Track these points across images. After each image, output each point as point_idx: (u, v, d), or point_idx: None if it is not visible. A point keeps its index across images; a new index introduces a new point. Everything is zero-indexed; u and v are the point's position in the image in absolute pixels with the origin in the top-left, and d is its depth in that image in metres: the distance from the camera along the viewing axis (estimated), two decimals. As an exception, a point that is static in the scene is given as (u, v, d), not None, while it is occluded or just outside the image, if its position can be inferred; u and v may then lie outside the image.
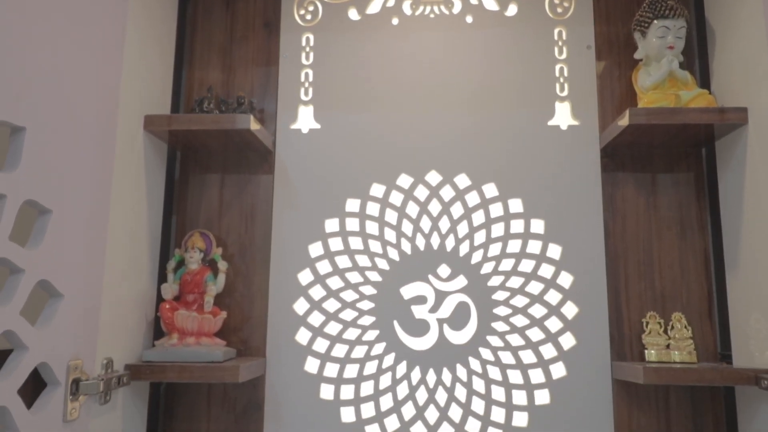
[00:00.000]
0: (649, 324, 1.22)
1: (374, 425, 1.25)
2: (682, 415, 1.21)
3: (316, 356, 1.28)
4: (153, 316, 1.25)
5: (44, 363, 0.87)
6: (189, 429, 1.27)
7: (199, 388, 1.28)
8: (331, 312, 1.29)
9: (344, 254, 1.31)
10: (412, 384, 1.25)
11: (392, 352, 1.27)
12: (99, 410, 1.03)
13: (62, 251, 0.90)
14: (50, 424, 0.89)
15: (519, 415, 1.23)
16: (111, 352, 1.06)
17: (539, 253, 1.28)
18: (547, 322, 1.26)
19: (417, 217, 1.31)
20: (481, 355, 1.26)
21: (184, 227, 1.34)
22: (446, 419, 1.24)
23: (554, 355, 1.25)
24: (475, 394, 1.24)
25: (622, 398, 1.22)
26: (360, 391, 1.26)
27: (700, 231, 1.28)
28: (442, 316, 1.27)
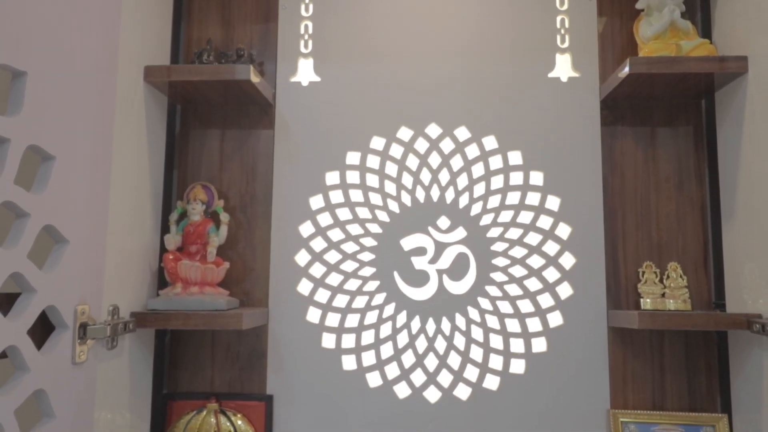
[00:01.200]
0: (645, 273, 1.24)
1: (375, 373, 1.28)
2: (675, 361, 1.24)
3: (318, 306, 1.30)
4: (157, 267, 1.27)
5: (52, 306, 0.89)
6: (193, 377, 1.30)
7: (203, 338, 1.31)
8: (332, 263, 1.31)
9: (345, 207, 1.32)
10: (412, 333, 1.28)
11: (392, 302, 1.29)
12: (106, 355, 1.05)
13: (66, 197, 0.91)
14: (59, 365, 0.91)
15: (516, 363, 1.26)
16: (116, 300, 1.08)
17: (538, 205, 1.29)
18: (545, 273, 1.28)
19: (417, 169, 1.32)
20: (479, 304, 1.28)
21: (186, 181, 1.35)
22: (445, 366, 1.27)
23: (551, 304, 1.27)
24: (474, 342, 1.27)
25: (617, 346, 1.25)
26: (361, 339, 1.29)
27: (698, 183, 1.29)
28: (442, 267, 1.29)
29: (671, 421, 1.19)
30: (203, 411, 1.26)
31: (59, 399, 0.90)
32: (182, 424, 1.25)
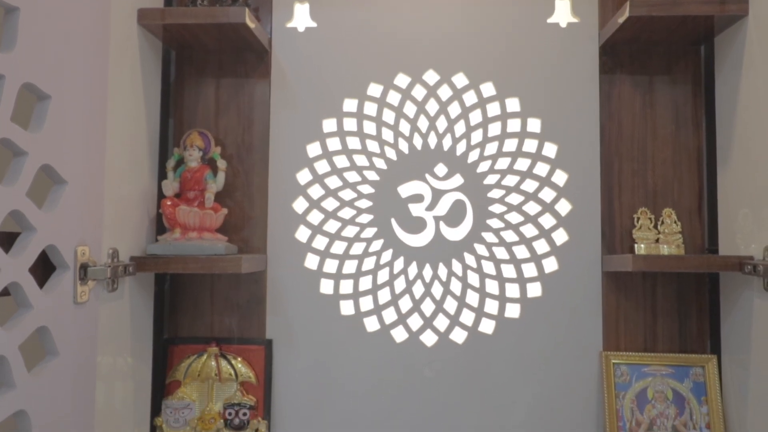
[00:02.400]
0: (640, 219, 1.26)
1: (372, 317, 1.30)
2: (667, 305, 1.26)
3: (316, 253, 1.31)
4: (155, 213, 1.27)
5: (52, 246, 0.90)
6: (194, 322, 1.32)
7: (202, 283, 1.32)
8: (330, 210, 1.31)
9: (342, 154, 1.32)
10: (409, 279, 1.30)
11: (390, 249, 1.30)
12: (107, 297, 1.07)
13: (63, 138, 0.91)
14: (61, 304, 0.93)
15: (511, 307, 1.28)
16: (116, 244, 1.09)
17: (535, 152, 1.29)
18: (540, 219, 1.29)
19: (414, 116, 1.32)
20: (476, 250, 1.29)
21: (182, 129, 1.34)
22: (441, 311, 1.29)
23: (547, 250, 1.28)
24: (470, 288, 1.29)
25: (610, 290, 1.27)
26: (359, 285, 1.30)
27: (695, 129, 1.29)
28: (439, 214, 1.30)
29: (661, 362, 1.21)
30: (204, 355, 1.28)
31: (62, 337, 0.92)
32: (183, 368, 1.28)
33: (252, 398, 1.26)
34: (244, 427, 1.25)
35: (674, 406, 1.19)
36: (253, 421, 1.25)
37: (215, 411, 1.26)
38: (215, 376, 1.27)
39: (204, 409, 1.26)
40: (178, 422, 1.25)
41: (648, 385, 1.20)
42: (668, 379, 1.20)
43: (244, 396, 1.26)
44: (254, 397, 1.27)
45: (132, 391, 1.19)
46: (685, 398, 1.19)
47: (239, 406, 1.25)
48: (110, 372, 1.09)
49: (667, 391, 1.20)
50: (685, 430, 1.18)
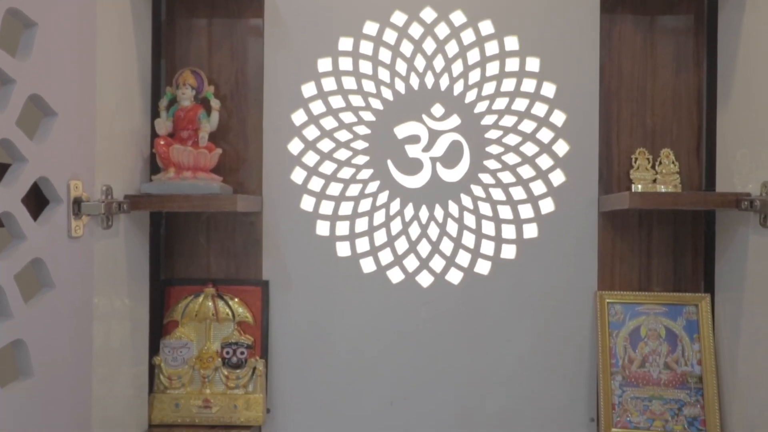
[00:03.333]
0: (638, 160, 1.25)
1: (368, 258, 1.30)
2: (662, 245, 1.26)
3: (312, 195, 1.30)
4: (148, 153, 1.26)
5: (44, 178, 0.89)
6: (190, 264, 1.32)
7: (198, 225, 1.32)
8: (326, 152, 1.30)
9: (338, 94, 1.30)
10: (406, 220, 1.29)
11: (386, 190, 1.30)
12: (102, 234, 1.06)
13: (51, 68, 0.89)
14: (56, 237, 0.92)
15: (507, 248, 1.28)
16: (109, 182, 1.08)
17: (533, 92, 1.28)
18: (538, 160, 1.28)
19: (411, 56, 1.29)
20: (472, 191, 1.29)
21: (174, 70, 1.31)
22: (438, 252, 1.29)
23: (544, 191, 1.28)
24: (466, 229, 1.29)
25: (607, 231, 1.27)
26: (355, 227, 1.30)
27: (695, 69, 1.27)
28: (435, 155, 1.29)
29: (655, 301, 1.22)
30: (200, 296, 1.29)
31: (58, 270, 0.92)
32: (180, 309, 1.29)
33: (249, 338, 1.27)
34: (242, 365, 1.26)
35: (667, 343, 1.21)
36: (250, 360, 1.26)
37: (213, 350, 1.27)
38: (212, 316, 1.27)
39: (202, 349, 1.27)
40: (177, 361, 1.27)
41: (641, 324, 1.22)
42: (661, 318, 1.21)
43: (242, 335, 1.27)
44: (251, 337, 1.28)
45: (130, 331, 1.20)
46: (678, 336, 1.21)
47: (237, 345, 1.27)
48: (108, 312, 1.10)
49: (660, 329, 1.21)
50: (677, 366, 1.20)
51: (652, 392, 1.19)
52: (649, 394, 1.19)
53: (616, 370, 1.21)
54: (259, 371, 1.26)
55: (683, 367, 1.19)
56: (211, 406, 1.25)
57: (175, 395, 1.26)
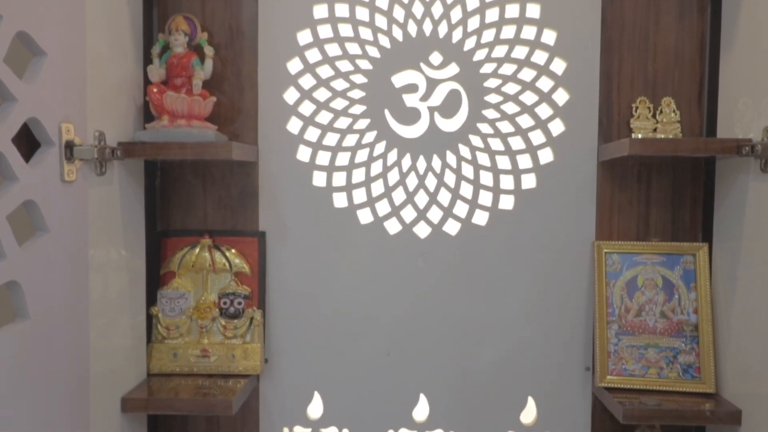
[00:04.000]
0: (639, 109, 1.23)
1: (366, 209, 1.29)
2: (661, 195, 1.26)
3: (308, 145, 1.29)
4: (141, 101, 1.23)
5: (35, 119, 0.87)
6: (186, 215, 1.31)
7: (194, 176, 1.31)
8: (322, 101, 1.28)
9: (334, 42, 1.27)
10: (403, 171, 1.28)
11: (383, 140, 1.28)
12: (96, 181, 1.05)
13: (39, 5, 0.87)
14: (49, 180, 0.91)
15: (505, 199, 1.27)
16: (102, 128, 1.06)
17: (533, 39, 1.25)
18: (537, 109, 1.26)
19: (409, 2, 1.26)
20: (470, 141, 1.27)
21: (166, 17, 1.28)
22: (435, 203, 1.28)
23: (543, 141, 1.26)
24: (464, 179, 1.28)
25: (605, 180, 1.26)
26: (352, 177, 1.29)
27: (699, 15, 1.25)
28: (433, 104, 1.27)
29: (653, 250, 1.22)
30: (197, 247, 1.28)
31: (52, 214, 0.91)
32: (177, 260, 1.28)
33: (246, 288, 1.27)
34: (239, 315, 1.27)
35: (663, 292, 1.21)
36: (248, 310, 1.26)
37: (210, 300, 1.27)
38: (209, 266, 1.27)
39: (199, 299, 1.27)
40: (174, 311, 1.27)
41: (638, 273, 1.22)
42: (659, 267, 1.21)
43: (239, 286, 1.27)
44: (249, 288, 1.28)
45: (127, 282, 1.19)
46: (675, 285, 1.21)
47: (234, 295, 1.27)
48: (104, 262, 1.09)
49: (657, 278, 1.21)
50: (673, 315, 1.20)
51: (648, 340, 1.20)
52: (645, 342, 1.20)
53: (612, 320, 1.21)
54: (256, 321, 1.26)
55: (679, 316, 1.20)
56: (209, 355, 1.25)
57: (173, 345, 1.26)
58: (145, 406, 1.15)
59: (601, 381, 1.20)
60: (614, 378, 1.19)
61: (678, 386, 1.17)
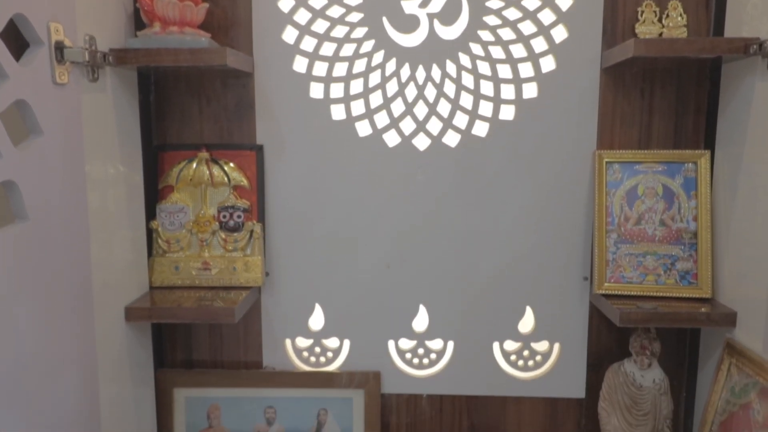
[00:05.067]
0: (644, 13, 1.19)
1: (364, 121, 1.27)
2: (665, 103, 1.23)
3: (304, 55, 1.26)
4: (132, 9, 1.19)
5: (21, 14, 0.85)
6: (182, 129, 1.29)
7: (188, 89, 1.28)
8: (318, 9, 1.24)
9: (329, -55, 1.23)
10: (402, 81, 1.26)
11: (381, 50, 1.25)
12: (89, 87, 1.03)
13: None
14: (40, 81, 0.89)
15: (506, 109, 1.25)
16: (92, 33, 1.03)
17: (537, -60, 1.20)
18: (540, 15, 1.22)
19: None
20: (471, 50, 1.24)
21: None
22: (435, 114, 1.26)
23: (545, 48, 1.23)
24: (464, 89, 1.25)
25: (608, 89, 1.23)
26: (349, 89, 1.26)
27: None
28: (433, 11, 1.23)
29: (654, 159, 1.21)
30: (194, 161, 1.27)
31: (45, 117, 0.89)
32: (175, 173, 1.27)
33: (246, 202, 1.27)
34: (239, 228, 1.27)
35: (663, 201, 1.20)
36: (247, 223, 1.27)
37: (210, 214, 1.27)
38: (208, 180, 1.26)
39: (198, 213, 1.27)
40: (174, 225, 1.27)
41: (639, 182, 1.21)
42: (659, 176, 1.21)
43: (238, 200, 1.27)
44: (248, 201, 1.27)
45: (125, 196, 1.19)
46: (675, 193, 1.20)
47: (233, 208, 1.26)
48: (101, 177, 1.08)
49: (658, 187, 1.21)
50: (672, 222, 1.20)
51: (647, 248, 1.20)
52: (643, 250, 1.20)
53: (611, 228, 1.21)
54: (256, 234, 1.26)
55: (678, 224, 1.20)
56: (210, 268, 1.26)
57: (174, 258, 1.27)
58: (149, 315, 1.16)
59: (599, 288, 1.21)
60: (612, 285, 1.21)
61: (675, 292, 1.19)
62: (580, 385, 1.32)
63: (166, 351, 1.36)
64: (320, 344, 1.34)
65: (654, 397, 1.20)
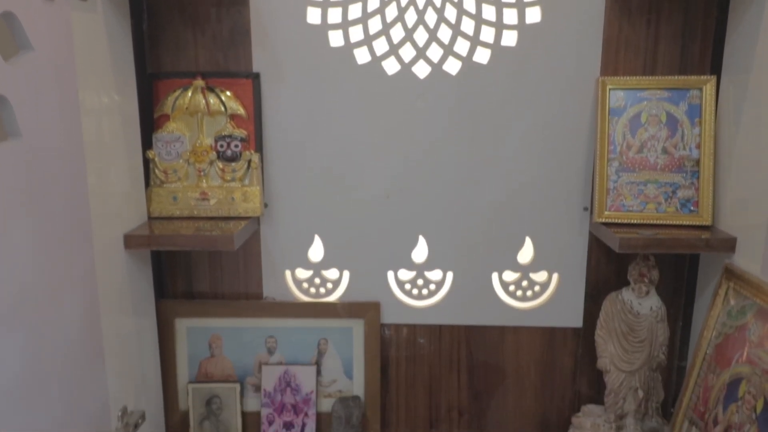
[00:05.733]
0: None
1: (363, 48, 1.24)
2: (671, 29, 1.20)
3: (301, -22, 1.22)
4: (121, -73, 1.15)
5: None
6: (177, 57, 1.26)
7: (182, 17, 1.24)
8: (314, -71, 1.20)
9: None
10: (401, 5, 1.22)
11: (380, -28, 1.21)
12: (79, 5, 1.00)
13: None
14: (27, -6, 0.86)
15: (508, 34, 1.22)
16: (80, -51, 1.00)
17: None
18: (545, -66, 1.18)
19: None
20: (473, -28, 1.20)
21: None
22: (435, 40, 1.23)
23: (549, -30, 1.20)
24: (465, 14, 1.22)
25: (614, 13, 1.19)
26: (347, 14, 1.23)
27: None
28: (434, -69, 1.19)
29: (658, 85, 1.19)
30: (189, 89, 1.24)
31: (35, 32, 0.86)
32: (170, 102, 1.25)
33: (243, 131, 1.25)
34: (237, 158, 1.25)
35: (666, 128, 1.19)
36: (245, 153, 1.25)
37: (207, 144, 1.25)
38: (204, 109, 1.24)
39: (195, 142, 1.25)
40: (170, 155, 1.25)
41: (642, 110, 1.19)
42: (664, 103, 1.19)
43: (235, 129, 1.25)
44: (245, 131, 1.25)
45: (120, 125, 1.17)
46: (679, 120, 1.19)
47: (230, 138, 1.25)
48: (95, 106, 1.06)
49: (661, 114, 1.19)
50: (675, 150, 1.19)
51: (648, 177, 1.19)
52: (645, 178, 1.19)
53: (613, 157, 1.20)
54: (254, 164, 1.25)
55: (681, 152, 1.19)
56: (208, 198, 1.26)
57: (172, 189, 1.26)
58: (148, 242, 1.16)
59: (599, 217, 1.21)
60: (612, 213, 1.20)
61: (675, 220, 1.18)
62: (578, 314, 1.33)
63: (166, 283, 1.36)
64: (320, 275, 1.35)
65: (651, 325, 1.21)
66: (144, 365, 1.26)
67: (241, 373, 1.36)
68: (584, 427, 1.30)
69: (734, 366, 1.01)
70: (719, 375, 1.04)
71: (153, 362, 1.31)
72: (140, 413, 1.20)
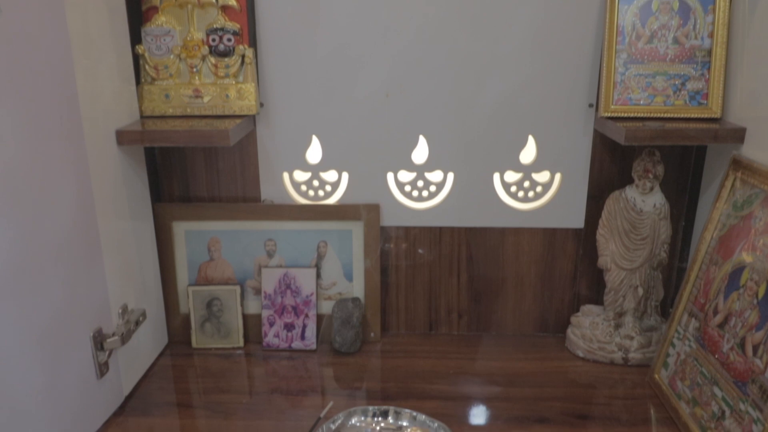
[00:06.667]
0: None
1: (360, -67, 1.17)
2: None
3: None
4: None
5: None
6: (163, -55, 1.19)
7: None
8: None
9: None
10: None
11: None
12: None
13: None
14: None
15: None
16: None
17: None
18: None
19: None
20: None
21: None
22: (437, -77, 1.16)
23: None
24: None
25: None
26: None
27: None
28: None
29: (672, -30, 1.13)
30: (179, -21, 1.18)
31: None
32: None
33: (235, 24, 1.20)
34: (230, 53, 1.20)
35: (678, 16, 1.14)
36: (238, 47, 1.20)
37: (198, 38, 1.20)
38: (194, 0, 1.18)
39: (186, 37, 1.20)
40: (161, 50, 1.20)
41: (654, -2, 1.14)
42: (676, -11, 1.13)
43: (227, 21, 1.19)
44: (238, 24, 1.20)
45: (107, 19, 1.11)
46: (691, 8, 1.13)
47: (222, 31, 1.19)
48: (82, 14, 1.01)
49: (674, 2, 1.13)
50: (686, 40, 1.14)
51: (657, 68, 1.15)
52: (654, 70, 1.15)
53: (621, 48, 1.15)
54: (248, 59, 1.20)
55: (692, 41, 1.14)
56: (202, 95, 1.22)
57: (164, 86, 1.22)
58: (141, 138, 1.13)
59: (605, 111, 1.17)
60: (618, 107, 1.16)
61: (683, 112, 1.15)
62: (580, 215, 1.32)
63: (162, 187, 1.34)
64: (318, 177, 1.32)
65: (653, 222, 1.20)
66: (143, 267, 1.25)
67: (241, 276, 1.36)
68: (583, 325, 1.31)
69: (737, 255, 1.00)
70: (721, 266, 1.04)
71: (152, 265, 1.31)
72: (141, 311, 1.20)
